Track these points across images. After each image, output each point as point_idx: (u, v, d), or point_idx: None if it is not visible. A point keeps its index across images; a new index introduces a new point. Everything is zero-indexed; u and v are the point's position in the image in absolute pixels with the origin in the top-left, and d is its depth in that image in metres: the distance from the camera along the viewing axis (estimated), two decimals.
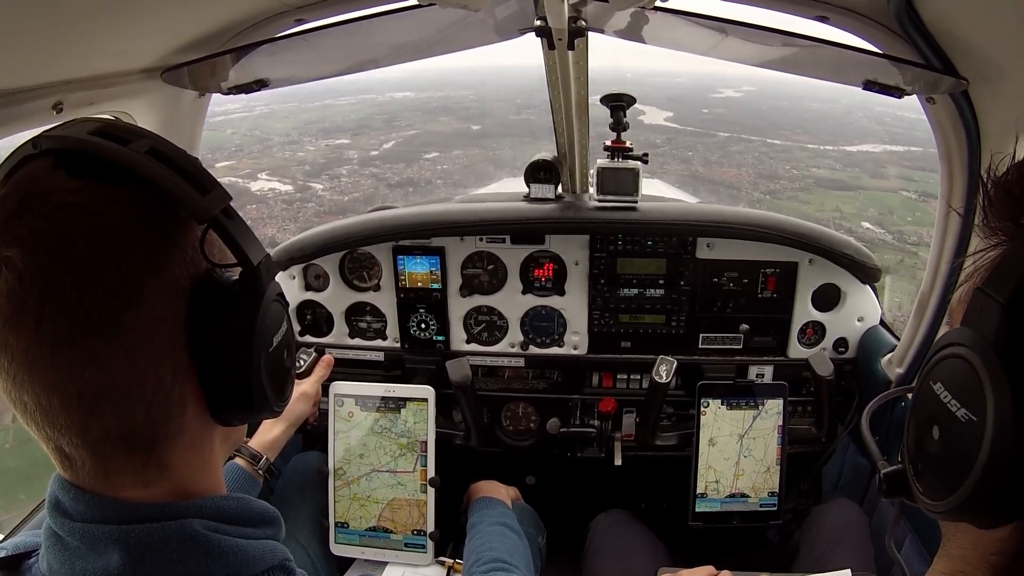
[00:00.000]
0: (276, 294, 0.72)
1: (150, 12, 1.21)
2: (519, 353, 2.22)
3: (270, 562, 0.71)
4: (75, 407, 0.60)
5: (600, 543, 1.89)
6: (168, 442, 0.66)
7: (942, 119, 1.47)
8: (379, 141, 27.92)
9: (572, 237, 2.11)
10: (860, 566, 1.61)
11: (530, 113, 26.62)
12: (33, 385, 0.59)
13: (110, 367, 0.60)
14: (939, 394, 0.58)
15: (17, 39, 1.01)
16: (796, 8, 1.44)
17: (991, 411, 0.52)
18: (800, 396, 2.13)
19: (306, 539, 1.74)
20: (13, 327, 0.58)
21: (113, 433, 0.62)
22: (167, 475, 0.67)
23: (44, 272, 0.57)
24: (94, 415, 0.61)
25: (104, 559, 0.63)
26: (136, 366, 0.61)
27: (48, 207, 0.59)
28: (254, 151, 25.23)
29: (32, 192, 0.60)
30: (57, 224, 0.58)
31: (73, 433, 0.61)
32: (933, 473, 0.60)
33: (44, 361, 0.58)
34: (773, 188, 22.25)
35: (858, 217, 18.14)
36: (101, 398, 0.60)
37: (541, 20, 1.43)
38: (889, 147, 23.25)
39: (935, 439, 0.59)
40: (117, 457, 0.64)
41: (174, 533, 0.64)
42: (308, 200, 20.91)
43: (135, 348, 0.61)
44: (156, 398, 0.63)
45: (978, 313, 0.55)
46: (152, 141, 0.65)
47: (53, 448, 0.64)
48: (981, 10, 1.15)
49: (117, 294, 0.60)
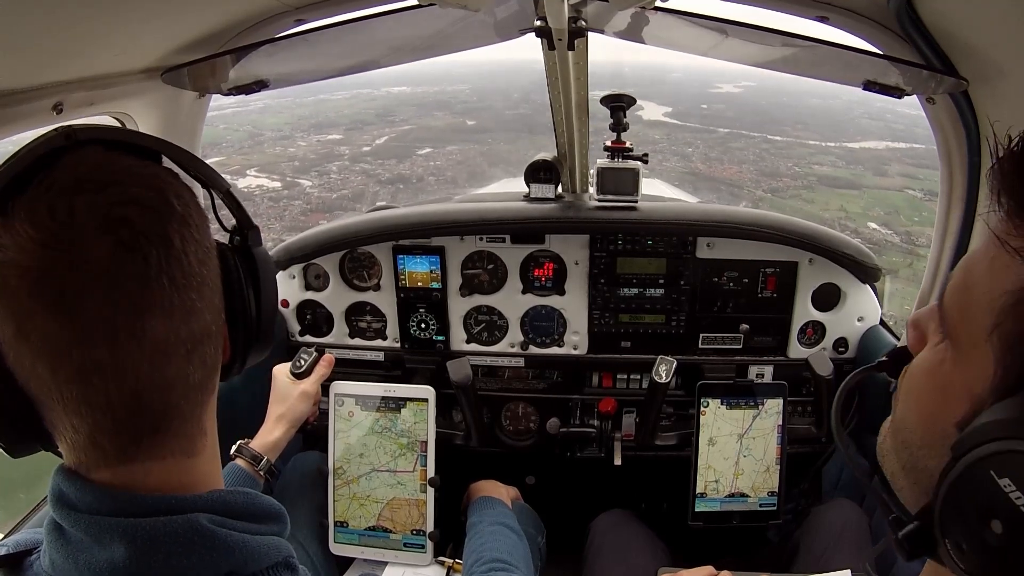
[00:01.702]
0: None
1: (150, 12, 1.21)
2: (519, 353, 2.22)
3: (274, 558, 0.72)
4: (175, 353, 0.66)
5: (600, 543, 1.89)
6: (208, 398, 0.73)
7: (942, 119, 1.47)
8: (372, 136, 27.54)
9: (572, 237, 2.11)
10: (860, 566, 1.61)
11: (527, 108, 26.34)
12: (106, 339, 0.62)
13: (200, 314, 0.68)
14: (1007, 490, 0.51)
15: (17, 39, 1.01)
16: (796, 8, 1.44)
17: None
18: (800, 396, 2.13)
19: (306, 538, 1.74)
20: (129, 276, 0.62)
21: (192, 380, 0.68)
22: (204, 443, 0.73)
23: (159, 230, 0.64)
24: (189, 360, 0.67)
25: (109, 552, 0.63)
26: (211, 313, 0.70)
27: (139, 177, 0.66)
28: (245, 147, 24.87)
29: (112, 168, 0.65)
30: (155, 192, 0.66)
31: (145, 381, 0.64)
32: (989, 559, 0.54)
33: (153, 308, 0.63)
34: (775, 186, 21.96)
35: (864, 217, 17.69)
36: (197, 340, 0.68)
37: (541, 20, 1.43)
38: (891, 144, 22.91)
39: (996, 533, 0.53)
40: (171, 421, 0.68)
41: (181, 527, 0.65)
42: (295, 197, 20.60)
43: (212, 298, 0.70)
44: (217, 342, 0.73)
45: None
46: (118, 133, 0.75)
47: (85, 435, 0.64)
48: (981, 10, 1.15)
49: (206, 249, 0.70)
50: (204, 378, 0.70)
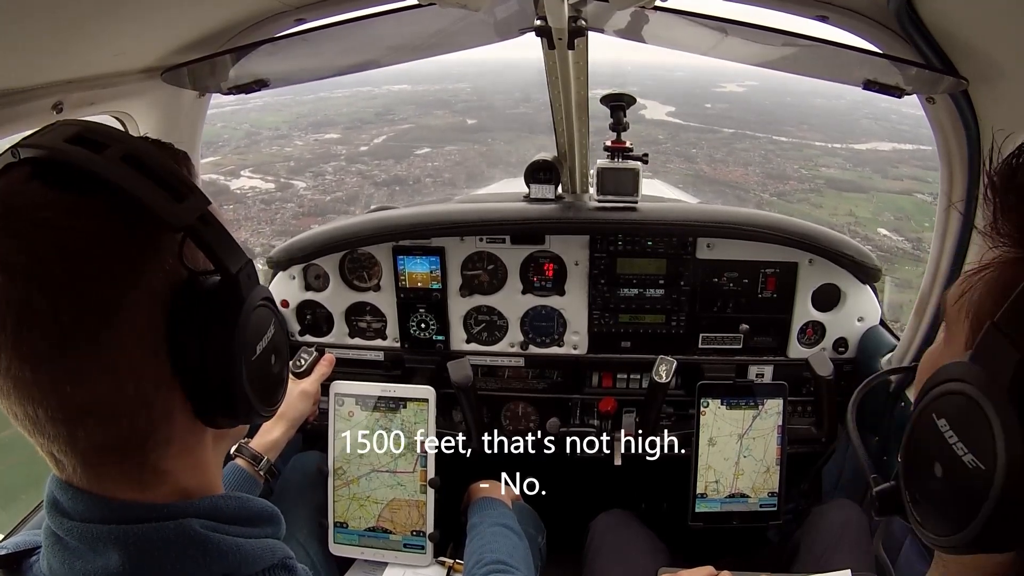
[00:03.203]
0: (262, 299, 0.71)
1: (150, 12, 1.21)
2: (519, 353, 2.22)
3: (270, 560, 0.71)
4: (60, 420, 0.60)
5: (600, 543, 1.89)
6: (159, 449, 0.66)
7: (942, 119, 1.47)
8: (370, 136, 27.14)
9: (572, 237, 2.11)
10: (860, 566, 1.61)
11: (528, 107, 26.13)
12: (19, 398, 0.60)
13: (90, 382, 0.60)
14: (943, 431, 0.55)
15: (17, 39, 1.01)
16: (796, 8, 1.44)
17: (1001, 459, 0.50)
18: (800, 396, 2.12)
19: (305, 539, 1.74)
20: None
21: (100, 443, 0.63)
22: (163, 479, 0.68)
23: (19, 292, 0.57)
24: (79, 427, 0.61)
25: (103, 559, 0.63)
26: (117, 379, 0.61)
27: (21, 223, 0.59)
28: (241, 146, 24.47)
29: (9, 206, 0.59)
30: (29, 244, 0.58)
31: (62, 442, 0.62)
32: (934, 508, 0.58)
33: (25, 378, 0.59)
34: (782, 189, 21.67)
35: (874, 223, 17.38)
36: (84, 412, 0.61)
37: (541, 20, 1.43)
38: (898, 145, 22.63)
39: (937, 476, 0.56)
40: (108, 464, 0.64)
41: (172, 533, 0.65)
42: (288, 200, 20.01)
43: (114, 362, 0.61)
44: (139, 409, 0.63)
45: (991, 353, 0.52)
46: (128, 147, 0.64)
47: (47, 453, 0.65)
48: (981, 10, 1.15)
49: (92, 310, 0.59)
50: (131, 436, 0.64)
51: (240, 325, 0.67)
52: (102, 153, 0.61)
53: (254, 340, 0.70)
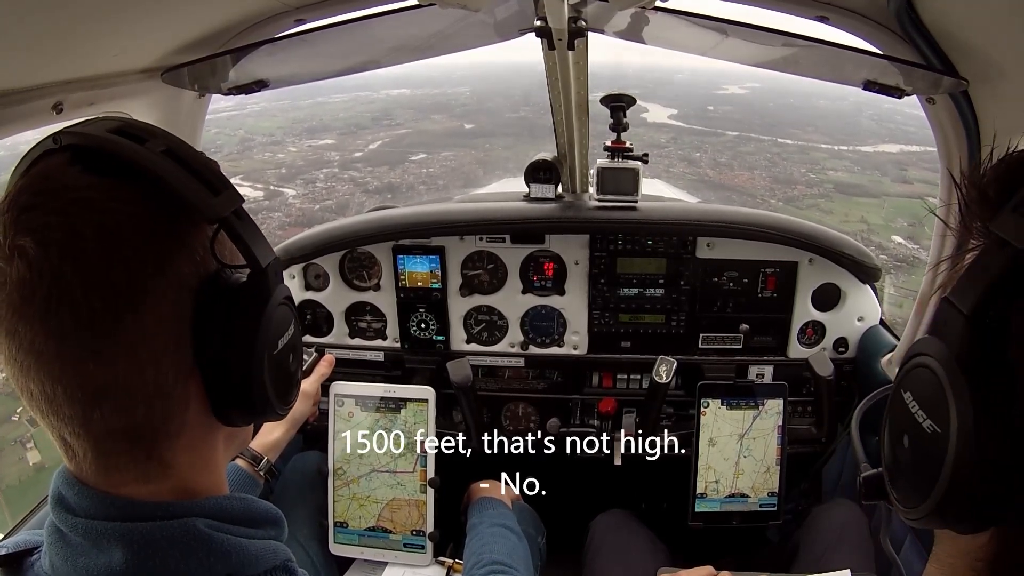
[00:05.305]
0: (284, 297, 0.72)
1: (150, 12, 1.21)
2: (519, 353, 2.22)
3: (272, 562, 0.71)
4: (77, 399, 0.61)
5: (600, 543, 1.89)
6: (169, 440, 0.67)
7: (942, 119, 1.47)
8: (365, 141, 26.64)
9: (572, 237, 2.11)
10: (860, 566, 1.61)
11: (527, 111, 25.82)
12: (39, 373, 0.60)
13: (112, 363, 0.61)
14: (908, 404, 0.58)
15: (17, 39, 1.01)
16: (796, 8, 1.44)
17: (954, 424, 0.53)
18: (800, 396, 2.12)
19: (306, 539, 1.74)
20: (22, 316, 0.59)
21: (114, 428, 0.63)
22: (168, 473, 0.68)
23: (53, 266, 0.58)
24: (95, 409, 0.61)
25: (107, 556, 0.63)
26: (138, 364, 0.62)
27: (60, 202, 0.60)
28: (234, 153, 23.79)
29: (47, 187, 0.61)
30: (68, 219, 0.59)
31: (76, 424, 0.62)
32: (905, 481, 0.60)
33: (49, 352, 0.59)
34: (791, 195, 21.11)
35: (887, 230, 16.83)
36: (103, 393, 0.61)
37: (541, 20, 1.43)
38: (905, 147, 22.20)
39: (905, 448, 0.59)
40: (118, 452, 0.65)
41: (177, 531, 0.65)
42: (276, 209, 19.35)
43: (137, 346, 0.61)
44: (157, 396, 0.64)
45: (943, 323, 0.56)
46: (168, 141, 0.66)
47: (57, 436, 0.65)
48: (981, 10, 1.14)
49: (122, 293, 0.60)
50: (144, 423, 0.64)
51: (265, 320, 0.68)
52: (144, 145, 0.64)
53: (277, 336, 0.71)
